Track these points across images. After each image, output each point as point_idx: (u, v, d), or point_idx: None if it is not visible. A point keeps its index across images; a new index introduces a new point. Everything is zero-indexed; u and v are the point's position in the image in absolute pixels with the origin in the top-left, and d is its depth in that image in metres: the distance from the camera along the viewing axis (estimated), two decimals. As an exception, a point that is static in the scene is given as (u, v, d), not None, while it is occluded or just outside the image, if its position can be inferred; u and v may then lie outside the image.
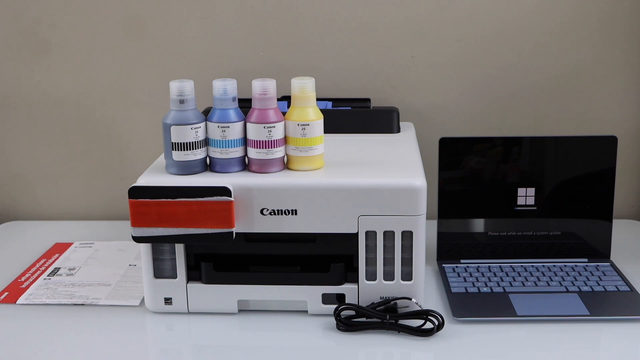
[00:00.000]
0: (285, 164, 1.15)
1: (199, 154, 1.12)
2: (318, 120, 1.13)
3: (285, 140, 1.13)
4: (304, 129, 1.12)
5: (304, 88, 1.12)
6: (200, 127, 1.12)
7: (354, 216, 1.10)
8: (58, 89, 1.56)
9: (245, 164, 1.15)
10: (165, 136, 1.12)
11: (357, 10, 1.49)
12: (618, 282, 1.23)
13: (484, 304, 1.17)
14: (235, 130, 1.11)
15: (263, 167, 1.12)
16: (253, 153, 1.12)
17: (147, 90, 1.55)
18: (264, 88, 1.11)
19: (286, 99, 1.34)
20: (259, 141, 1.11)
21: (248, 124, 1.12)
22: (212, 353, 1.09)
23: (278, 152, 1.12)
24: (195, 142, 1.12)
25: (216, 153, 1.12)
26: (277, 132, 1.12)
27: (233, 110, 1.12)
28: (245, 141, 1.13)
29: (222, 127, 1.11)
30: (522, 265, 1.29)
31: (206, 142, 1.13)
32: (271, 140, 1.11)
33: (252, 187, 1.10)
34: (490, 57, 1.50)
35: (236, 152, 1.12)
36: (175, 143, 1.11)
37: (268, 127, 1.11)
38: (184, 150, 1.11)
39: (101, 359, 1.07)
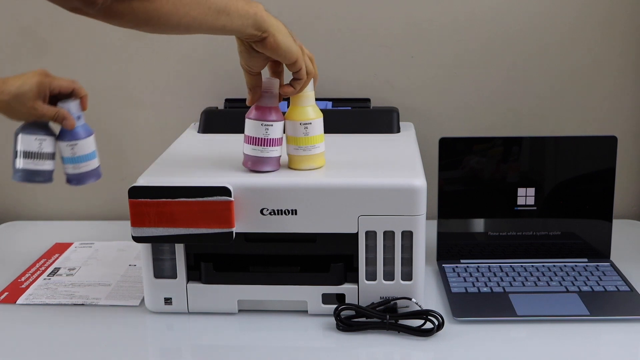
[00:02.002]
0: (288, 165, 1.15)
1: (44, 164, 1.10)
2: (318, 119, 1.13)
3: (287, 140, 1.13)
4: (306, 127, 1.11)
5: (304, 87, 1.12)
6: (45, 139, 1.10)
7: (354, 216, 1.10)
8: (58, 89, 1.56)
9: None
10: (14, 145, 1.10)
11: (357, 10, 1.49)
12: (618, 282, 1.23)
13: (484, 304, 1.17)
14: None
15: (256, 164, 1.12)
16: (248, 149, 1.12)
17: (147, 90, 1.55)
18: (267, 85, 1.10)
19: (286, 99, 1.33)
20: (256, 138, 1.11)
21: (247, 120, 1.12)
22: (212, 353, 1.09)
23: (273, 152, 1.12)
24: (39, 152, 1.10)
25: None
26: (275, 132, 1.11)
27: None
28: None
29: None
30: (522, 265, 1.28)
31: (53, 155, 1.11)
32: (267, 139, 1.11)
33: (252, 187, 1.10)
34: (490, 57, 1.50)
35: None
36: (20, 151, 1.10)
37: (266, 125, 1.10)
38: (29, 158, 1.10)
39: (101, 359, 1.07)
